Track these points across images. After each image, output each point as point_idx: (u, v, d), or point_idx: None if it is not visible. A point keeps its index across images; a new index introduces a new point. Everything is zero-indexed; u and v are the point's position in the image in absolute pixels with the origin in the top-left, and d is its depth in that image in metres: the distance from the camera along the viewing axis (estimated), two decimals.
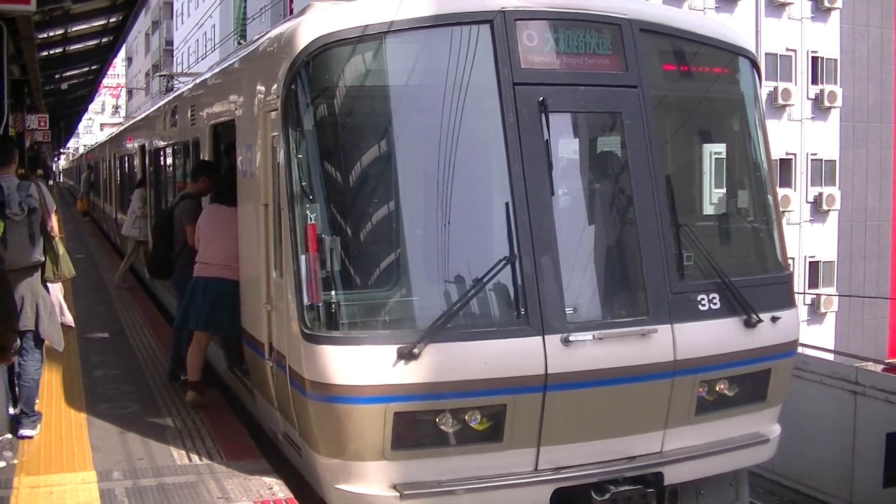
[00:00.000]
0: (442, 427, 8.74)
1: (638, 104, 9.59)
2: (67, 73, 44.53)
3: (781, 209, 37.40)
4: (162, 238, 13.36)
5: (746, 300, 9.73)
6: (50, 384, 12.86)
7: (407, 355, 8.46)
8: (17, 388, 10.94)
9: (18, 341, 10.13)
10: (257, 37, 12.36)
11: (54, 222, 10.79)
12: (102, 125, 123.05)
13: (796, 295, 11.10)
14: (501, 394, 8.77)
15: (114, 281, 23.85)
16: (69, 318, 11.54)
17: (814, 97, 44.54)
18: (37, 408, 11.09)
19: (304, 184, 8.93)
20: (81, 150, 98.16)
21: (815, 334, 39.87)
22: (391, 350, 8.49)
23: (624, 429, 9.41)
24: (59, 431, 11.28)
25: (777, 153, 40.59)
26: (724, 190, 10.80)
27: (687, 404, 9.58)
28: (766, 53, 42.26)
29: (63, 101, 56.19)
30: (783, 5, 43.55)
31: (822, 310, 43.70)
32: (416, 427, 8.75)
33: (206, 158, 13.64)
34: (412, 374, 8.51)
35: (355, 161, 9.33)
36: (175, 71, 69.71)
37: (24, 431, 10.81)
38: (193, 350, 12.37)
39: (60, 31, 30.22)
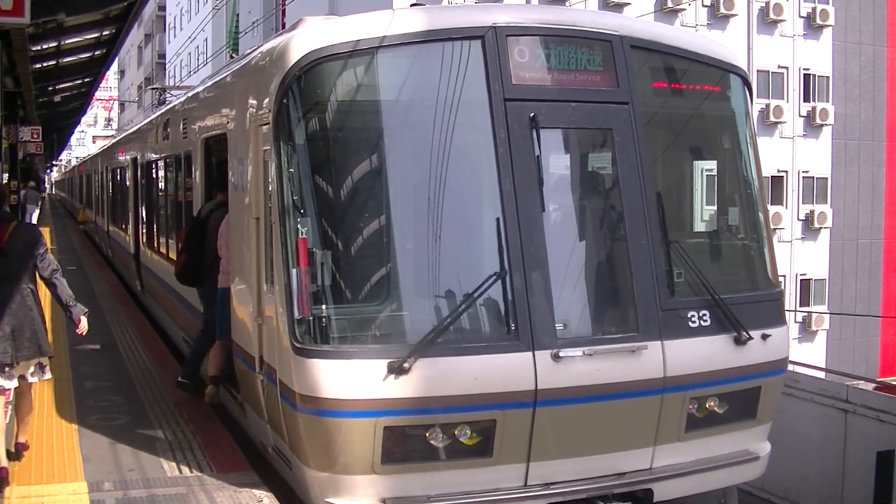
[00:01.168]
0: (431, 441, 8.72)
1: (629, 120, 9.59)
2: (60, 86, 44.70)
3: (773, 226, 37.61)
4: (193, 246, 13.25)
5: (737, 317, 9.72)
6: (41, 395, 12.81)
7: (397, 370, 8.45)
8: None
9: None
10: (249, 51, 12.36)
11: None
12: (95, 137, 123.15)
13: (787, 312, 11.10)
14: (491, 409, 8.75)
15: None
16: None
17: (805, 114, 44.71)
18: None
19: (295, 198, 8.93)
20: (74, 163, 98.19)
21: (806, 352, 39.90)
22: (381, 364, 8.48)
23: (614, 445, 9.39)
24: (49, 442, 11.28)
25: (769, 170, 40.74)
26: (714, 207, 10.79)
27: (677, 421, 9.57)
28: (757, 70, 42.42)
29: (56, 113, 56.41)
30: (775, 22, 43.72)
31: (814, 328, 43.78)
32: (406, 441, 8.74)
33: (197, 172, 13.62)
34: (402, 388, 8.49)
35: (346, 175, 9.33)
36: (167, 84, 69.87)
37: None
38: (219, 349, 12.38)
39: (54, 44, 30.34)
